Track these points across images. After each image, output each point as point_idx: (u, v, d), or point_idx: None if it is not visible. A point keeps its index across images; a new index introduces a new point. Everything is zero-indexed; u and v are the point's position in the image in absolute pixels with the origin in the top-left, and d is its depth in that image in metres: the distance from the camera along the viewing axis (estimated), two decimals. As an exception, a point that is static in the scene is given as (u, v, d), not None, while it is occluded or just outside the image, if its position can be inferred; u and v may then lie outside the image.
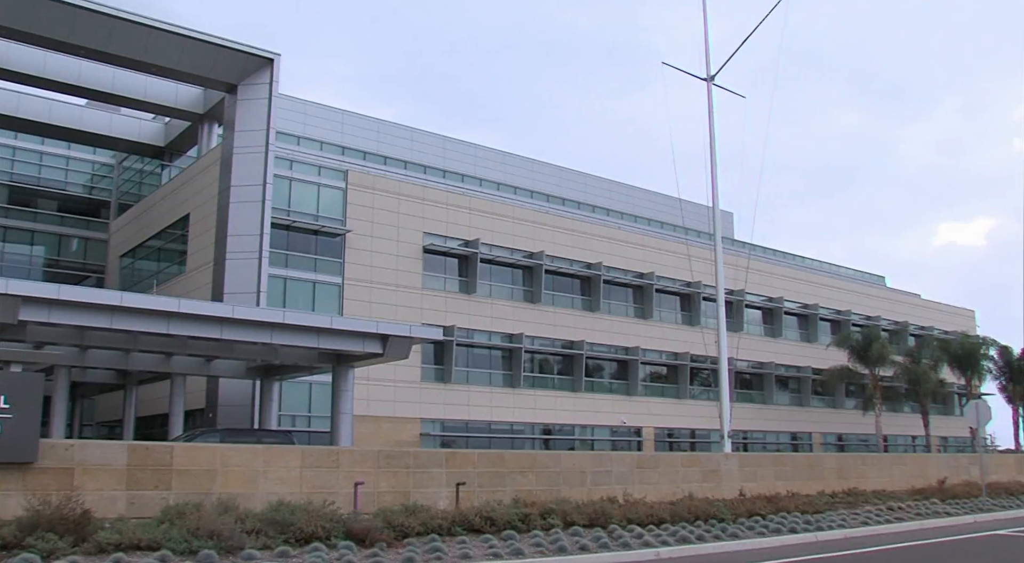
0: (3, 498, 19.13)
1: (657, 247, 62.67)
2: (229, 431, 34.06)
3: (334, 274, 47.35)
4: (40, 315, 27.86)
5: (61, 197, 60.01)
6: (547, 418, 54.82)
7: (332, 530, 18.90)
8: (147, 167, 58.95)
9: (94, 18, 40.26)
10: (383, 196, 49.86)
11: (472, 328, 52.03)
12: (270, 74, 44.16)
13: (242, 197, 42.68)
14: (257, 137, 43.43)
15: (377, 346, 33.95)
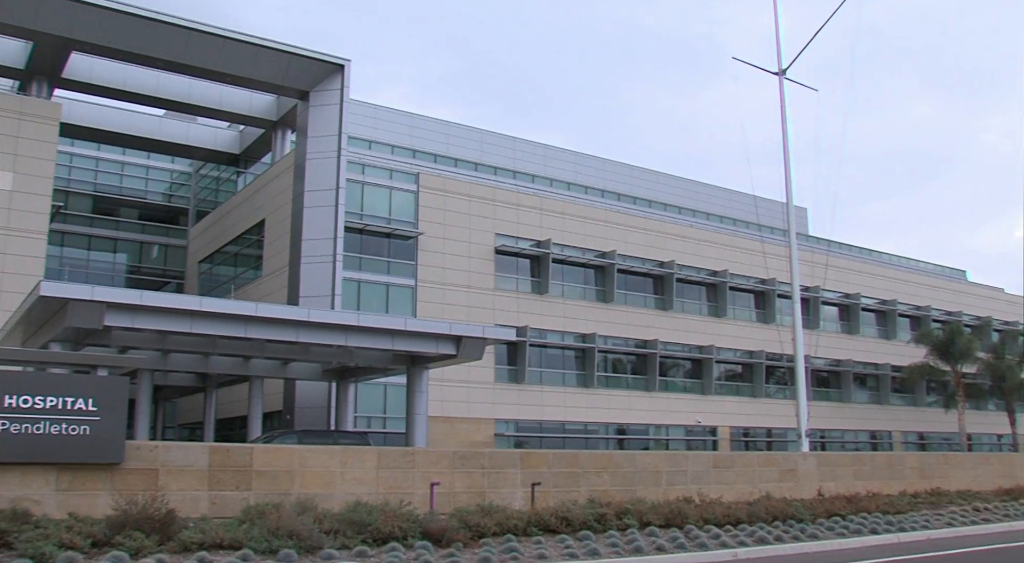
0: (92, 497, 19.70)
1: (730, 244, 62.00)
2: (306, 433, 34.57)
3: (407, 276, 47.75)
4: (124, 320, 28.57)
5: (142, 206, 61.51)
6: (621, 418, 54.59)
7: (409, 530, 19.06)
8: (223, 174, 60.13)
9: (172, 31, 41.29)
10: (454, 198, 50.15)
11: (545, 328, 52.03)
12: (341, 80, 44.74)
13: (316, 202, 43.29)
14: (329, 143, 44.01)
15: (451, 347, 34.13)
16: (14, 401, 19.29)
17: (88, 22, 40.37)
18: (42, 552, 15.49)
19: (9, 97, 43.56)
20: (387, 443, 40.21)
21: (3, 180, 40.82)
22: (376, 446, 29.46)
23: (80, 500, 19.58)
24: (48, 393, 19.66)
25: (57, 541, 15.99)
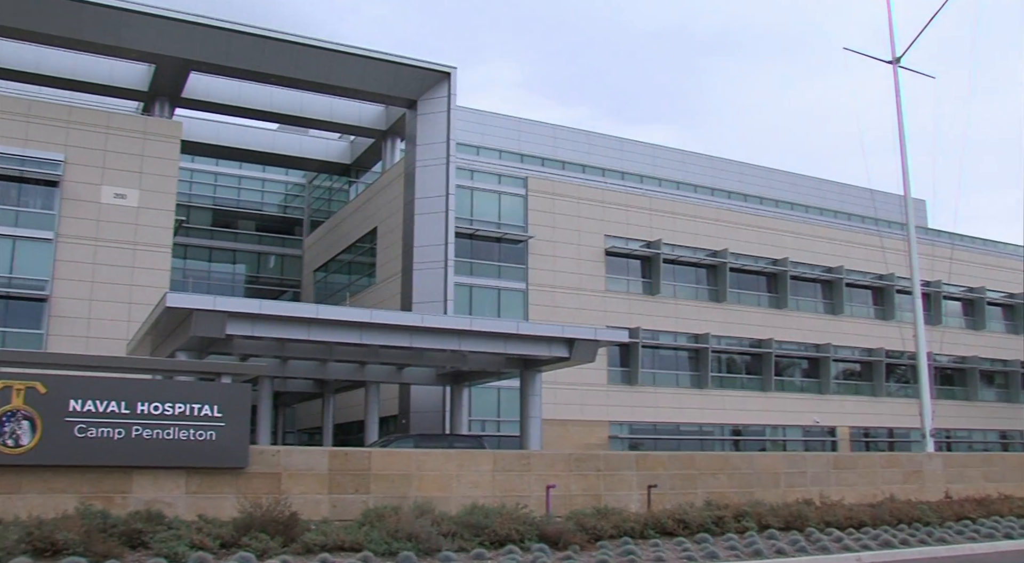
0: (220, 500, 20.36)
1: (846, 240, 60.45)
2: (422, 436, 35.03)
3: (518, 280, 47.97)
4: (244, 329, 29.44)
5: (258, 217, 63.32)
6: (736, 419, 53.77)
7: (525, 533, 19.14)
8: (335, 184, 61.45)
9: (283, 47, 42.48)
10: (563, 201, 50.18)
11: (657, 329, 51.62)
12: (448, 87, 45.27)
13: (426, 209, 43.88)
14: (438, 150, 44.56)
15: (563, 350, 34.14)
16: (146, 408, 20.10)
17: (206, 44, 41.85)
18: (175, 552, 16.11)
19: (134, 118, 45.40)
20: (501, 446, 40.44)
21: (130, 197, 42.55)
22: (491, 449, 29.67)
23: (208, 503, 20.26)
24: (176, 400, 20.42)
25: (188, 542, 16.60)
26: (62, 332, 40.23)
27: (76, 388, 19.99)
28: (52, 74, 45.56)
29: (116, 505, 19.39)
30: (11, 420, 19.20)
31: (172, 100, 47.34)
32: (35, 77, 45.66)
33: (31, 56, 44.98)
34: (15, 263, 40.45)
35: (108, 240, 41.86)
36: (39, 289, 40.38)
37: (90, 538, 16.14)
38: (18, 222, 40.69)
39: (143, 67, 45.99)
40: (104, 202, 42.20)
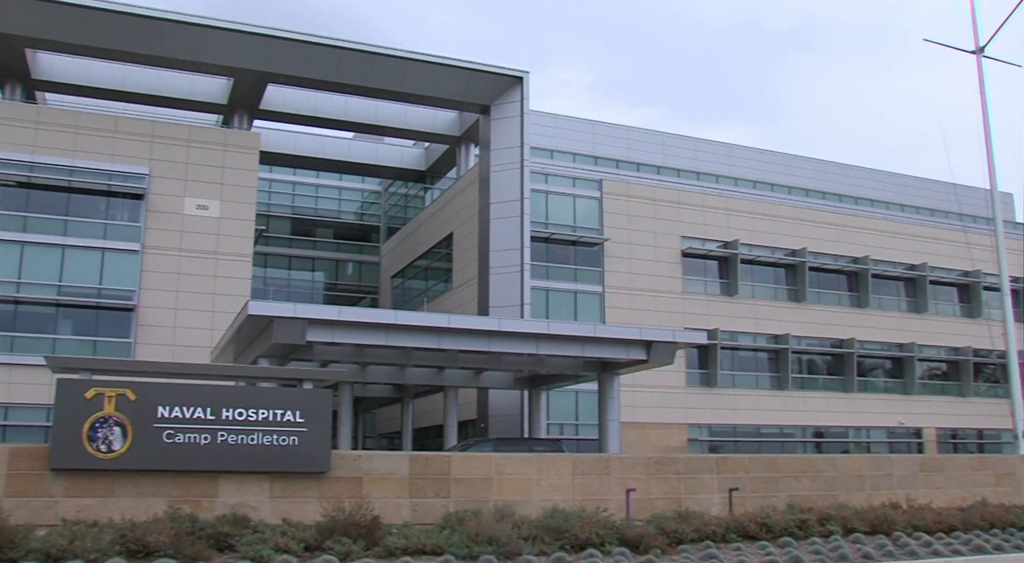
0: (303, 504, 20.70)
1: (929, 236, 59.00)
2: (501, 440, 35.11)
3: (594, 283, 47.86)
4: (324, 336, 29.87)
5: (336, 225, 64.23)
6: (818, 420, 52.86)
7: (606, 536, 19.08)
8: (411, 191, 62.02)
9: (357, 57, 43.11)
10: (638, 203, 49.94)
11: (736, 330, 51.03)
12: (520, 92, 45.40)
13: (501, 213, 44.04)
14: (512, 154, 44.70)
15: (641, 352, 33.97)
16: (231, 414, 20.55)
17: (282, 56, 42.66)
18: (260, 555, 16.42)
19: (214, 131, 46.43)
20: (580, 450, 40.36)
21: (212, 208, 43.53)
22: (570, 453, 29.63)
23: (291, 506, 20.61)
24: (260, 406, 20.84)
25: (273, 545, 16.91)
26: (149, 340, 41.31)
27: (164, 395, 20.52)
28: (136, 91, 46.90)
29: (203, 509, 19.83)
30: (104, 426, 19.79)
31: (250, 112, 48.30)
32: (121, 94, 47.06)
33: (117, 74, 46.37)
34: (104, 274, 41.65)
35: (191, 250, 42.88)
36: (127, 299, 41.51)
37: (179, 541, 16.55)
38: (106, 235, 41.91)
39: (222, 81, 47.04)
40: (187, 213, 43.23)
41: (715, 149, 70.07)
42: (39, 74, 45.37)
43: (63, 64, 45.95)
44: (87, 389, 20.02)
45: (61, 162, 41.77)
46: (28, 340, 40.28)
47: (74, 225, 41.74)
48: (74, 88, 46.77)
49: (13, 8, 39.31)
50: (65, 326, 41.51)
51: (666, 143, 68.12)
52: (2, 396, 39.45)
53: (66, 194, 42.04)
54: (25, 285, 40.65)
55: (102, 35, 40.87)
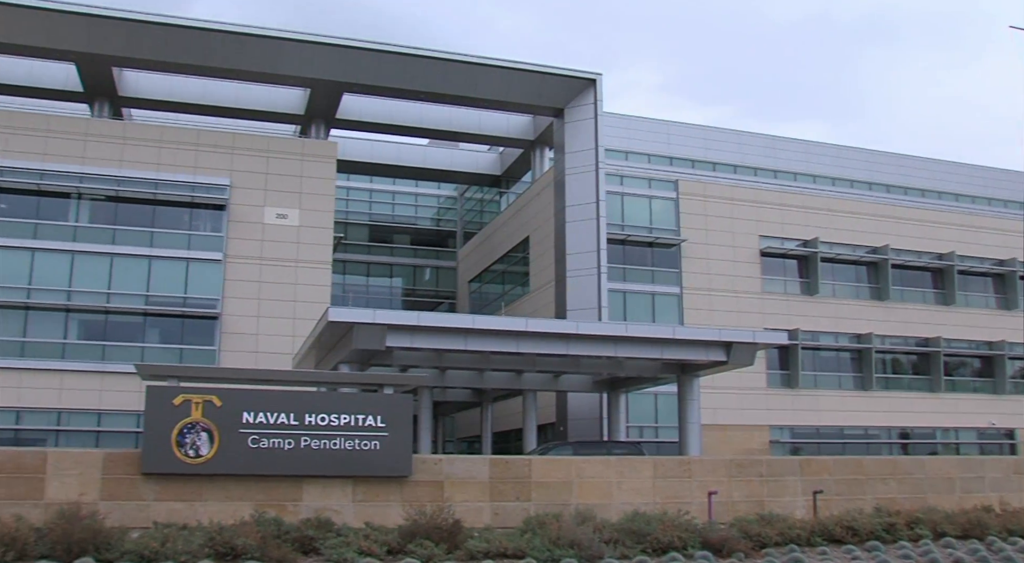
0: (385, 508, 20.94)
1: (1018, 230, 57.27)
2: (580, 444, 35.06)
3: (672, 284, 47.52)
4: (403, 341, 30.15)
5: (413, 231, 64.86)
6: (904, 421, 51.67)
7: (688, 540, 18.97)
8: (486, 196, 62.32)
9: (431, 64, 43.52)
10: (715, 202, 49.46)
11: (817, 330, 50.18)
12: (593, 94, 45.33)
13: (577, 216, 44.01)
14: (586, 157, 44.65)
15: (721, 354, 33.62)
16: (313, 419, 20.91)
17: (358, 66, 43.28)
18: (344, 558, 16.68)
19: (292, 141, 47.26)
20: (660, 452, 40.08)
21: (291, 217, 44.31)
22: (650, 456, 29.47)
23: (374, 510, 20.87)
24: (342, 411, 21.17)
25: (357, 548, 17.17)
26: (233, 348, 42.20)
27: (249, 401, 20.96)
28: (217, 104, 48.00)
29: (288, 512, 20.20)
30: (191, 432, 20.29)
31: (327, 122, 49.04)
32: (202, 108, 48.22)
33: (198, 89, 47.55)
34: (189, 284, 42.70)
35: (272, 259, 43.69)
36: (211, 308, 42.47)
37: (265, 544, 16.89)
38: (190, 245, 42.96)
39: (299, 92, 47.85)
40: (267, 222, 44.08)
41: (792, 147, 69.02)
42: (125, 91, 46.70)
43: (147, 81, 47.26)
44: (175, 396, 20.55)
45: (147, 175, 42.97)
46: (118, 349, 41.47)
47: (160, 236, 42.87)
48: (158, 103, 48.07)
49: (101, 30, 40.60)
50: (153, 335, 42.64)
51: (742, 142, 67.33)
52: (95, 403, 40.68)
53: (151, 206, 43.22)
54: (115, 295, 41.87)
55: (184, 51, 41.96)
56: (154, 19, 40.93)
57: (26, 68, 45.75)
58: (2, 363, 40.26)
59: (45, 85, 46.22)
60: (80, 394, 40.60)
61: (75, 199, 42.76)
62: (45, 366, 40.63)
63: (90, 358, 41.29)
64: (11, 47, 41.97)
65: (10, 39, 40.96)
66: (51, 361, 40.81)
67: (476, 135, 52.72)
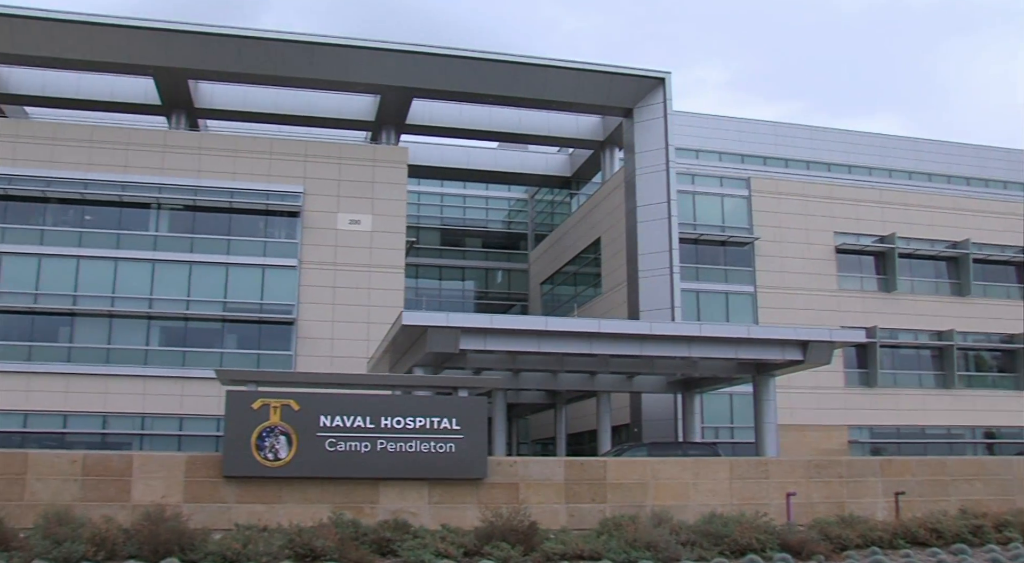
0: (460, 510, 21.08)
1: (1108, 222, 55.40)
2: (655, 445, 34.87)
3: (745, 283, 47.01)
4: (477, 344, 30.31)
5: (484, 234, 65.14)
6: (988, 420, 50.33)
7: (767, 542, 18.75)
8: (557, 198, 62.33)
9: (499, 67, 43.74)
10: (788, 199, 48.80)
11: (895, 327, 49.17)
12: (663, 93, 45.06)
13: (648, 216, 43.80)
14: (657, 156, 44.40)
15: (797, 353, 33.15)
16: (389, 422, 21.15)
17: (427, 71, 43.64)
18: (422, 560, 16.84)
19: (363, 147, 47.84)
20: (735, 453, 39.67)
21: (364, 222, 44.85)
22: (726, 457, 29.19)
23: (450, 512, 21.02)
24: (417, 414, 21.38)
25: (434, 550, 17.31)
26: (308, 352, 42.85)
27: (326, 405, 21.27)
28: (289, 113, 48.79)
29: (365, 515, 20.44)
30: (270, 435, 20.67)
31: (397, 127, 49.53)
32: (275, 117, 49.06)
33: (271, 98, 48.40)
34: (265, 290, 43.49)
35: (346, 264, 44.27)
36: (287, 313, 43.17)
37: (344, 545, 17.12)
38: (266, 252, 43.75)
39: (369, 98, 48.40)
40: (340, 228, 44.68)
41: (867, 141, 67.76)
42: (201, 103, 47.74)
43: (222, 92, 48.26)
44: (254, 400, 20.95)
45: (223, 185, 43.89)
46: (197, 354, 42.40)
47: (236, 244, 43.73)
48: (232, 114, 49.07)
49: (177, 44, 41.61)
50: (231, 340, 43.50)
51: (815, 137, 66.31)
52: (176, 407, 41.64)
53: (228, 215, 44.12)
54: (194, 302, 42.82)
55: (257, 62, 42.76)
56: (227, 32, 41.86)
57: (108, 84, 47.08)
58: (89, 369, 41.49)
59: (125, 99, 47.52)
60: (162, 399, 41.64)
61: (155, 209, 43.84)
62: (129, 372, 41.75)
63: (171, 364, 42.30)
64: (93, 64, 43.26)
65: (92, 57, 42.20)
66: (134, 367, 41.92)
67: (545, 137, 52.77)
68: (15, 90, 46.91)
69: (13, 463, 20.62)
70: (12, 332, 41.88)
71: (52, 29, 41.04)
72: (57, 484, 20.48)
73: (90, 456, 21.23)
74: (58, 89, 46.96)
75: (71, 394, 41.21)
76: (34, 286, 42.13)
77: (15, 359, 41.43)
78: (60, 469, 20.64)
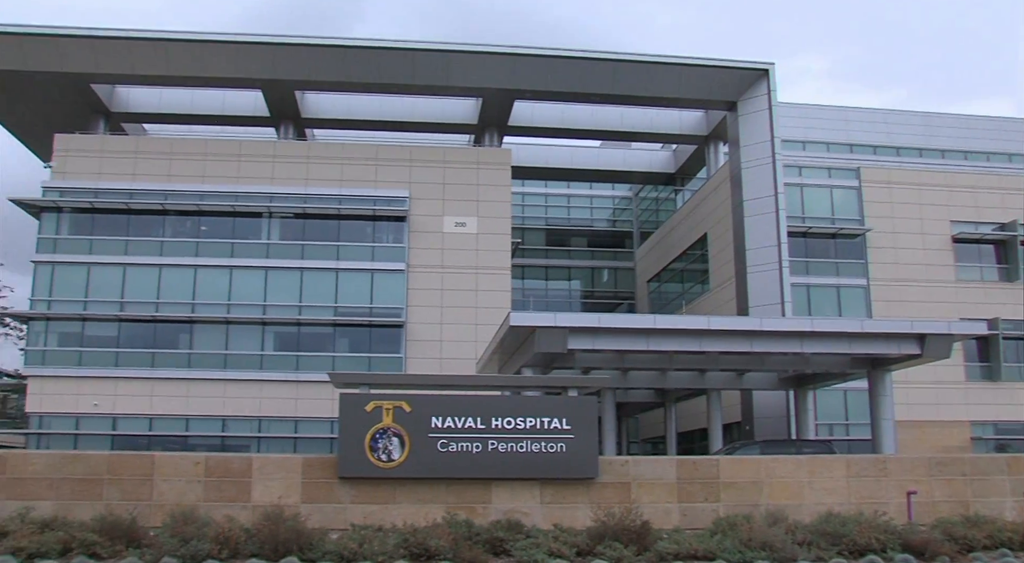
0: (572, 510, 21.10)
1: None
2: (768, 442, 34.31)
3: (858, 276, 45.87)
4: (585, 343, 30.29)
5: (589, 233, 65.03)
6: None
7: (887, 542, 18.25)
8: (661, 195, 61.83)
9: (600, 66, 43.67)
10: (901, 189, 47.42)
11: (1019, 319, 47.29)
12: (767, 85, 44.31)
13: (755, 210, 43.12)
14: (762, 149, 43.69)
15: (914, 347, 32.16)
16: (500, 423, 21.30)
17: (528, 72, 43.83)
18: (535, 559, 16.91)
19: (467, 150, 48.30)
20: (851, 450, 38.66)
21: (470, 225, 45.27)
22: (842, 454, 28.51)
23: (561, 512, 21.05)
24: (527, 414, 21.47)
25: (547, 550, 17.36)
26: (418, 355, 43.48)
27: (437, 406, 21.54)
28: (393, 119, 49.54)
29: (478, 515, 20.62)
30: (383, 437, 21.03)
31: (500, 129, 49.82)
32: (378, 123, 49.91)
33: (375, 106, 49.27)
34: (374, 294, 44.29)
35: (452, 267, 44.77)
36: (396, 316, 43.88)
37: (457, 545, 17.31)
38: (374, 257, 44.54)
39: (471, 102, 48.80)
40: (446, 231, 45.22)
41: (982, 125, 65.26)
42: (307, 113, 48.86)
43: (327, 101, 49.33)
44: (367, 402, 21.35)
45: (331, 192, 44.90)
46: (310, 358, 43.43)
47: (345, 249, 44.65)
48: (338, 122, 50.10)
49: (284, 57, 42.77)
50: (342, 344, 44.42)
51: (928, 123, 64.20)
52: (291, 410, 42.71)
53: (336, 221, 45.06)
54: (305, 308, 43.87)
55: (360, 71, 43.59)
56: (331, 43, 42.80)
57: (218, 99, 48.59)
58: (208, 375, 42.90)
59: (235, 113, 48.98)
60: (277, 402, 42.79)
61: (266, 218, 45.05)
62: (245, 376, 43.01)
63: (285, 368, 43.42)
64: (205, 80, 44.73)
65: (204, 73, 43.66)
66: (251, 372, 43.18)
67: (649, 134, 52.42)
68: (134, 109, 48.82)
69: (142, 465, 21.46)
70: (136, 340, 43.63)
71: (166, 49, 42.63)
72: (182, 485, 21.24)
73: (212, 458, 21.92)
74: (173, 106, 48.70)
75: (192, 398, 42.73)
76: (155, 296, 43.77)
77: (140, 366, 43.16)
78: (184, 471, 21.40)
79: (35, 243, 44.23)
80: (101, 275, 44.01)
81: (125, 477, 21.28)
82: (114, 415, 42.70)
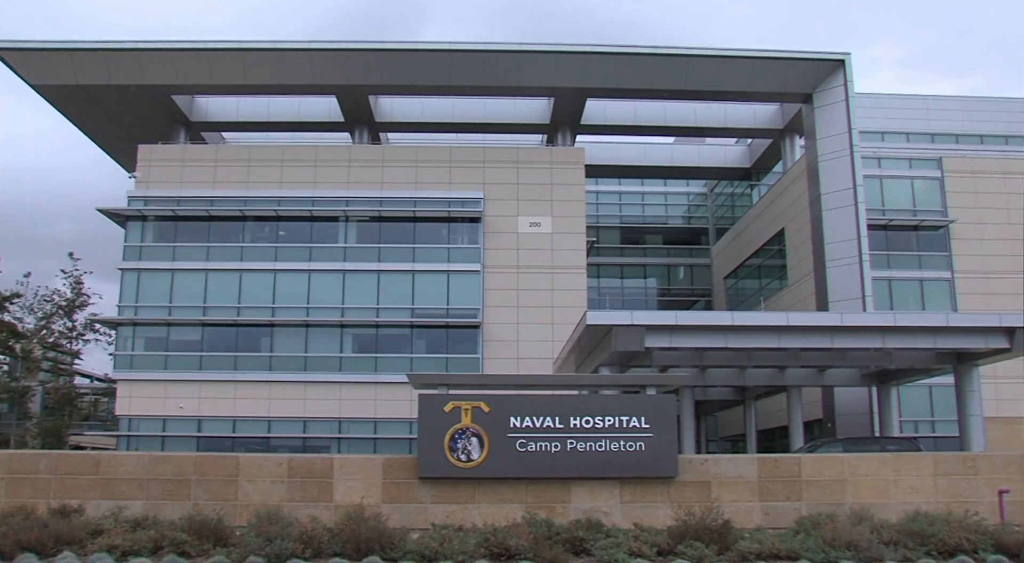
0: (652, 509, 21.00)
1: None
2: (850, 440, 33.68)
3: (941, 269, 44.79)
4: (662, 341, 30.10)
5: (664, 230, 64.58)
6: None
7: (978, 543, 17.78)
8: (736, 190, 61.12)
9: (672, 61, 43.41)
10: (985, 178, 46.15)
11: (1114, 310, 45.67)
12: (843, 76, 43.57)
13: (834, 204, 42.40)
14: (840, 141, 42.94)
15: (1003, 341, 31.25)
16: (578, 422, 21.29)
17: (599, 71, 43.73)
18: (615, 559, 16.87)
19: (540, 150, 48.34)
20: (937, 448, 37.84)
21: (544, 224, 45.32)
22: (929, 452, 27.89)
23: (641, 511, 20.96)
24: (605, 413, 21.42)
25: (627, 549, 17.31)
26: (494, 355, 43.63)
27: (515, 406, 21.61)
28: (466, 121, 49.81)
29: (557, 514, 20.64)
30: (463, 437, 21.17)
31: (572, 128, 49.77)
32: (451, 125, 50.25)
33: (447, 108, 49.59)
34: (450, 295, 44.57)
35: (527, 266, 44.84)
36: (472, 317, 44.09)
37: (537, 545, 17.34)
38: (450, 258, 44.83)
39: (543, 101, 48.84)
40: (521, 231, 45.32)
41: (1072, 110, 63.21)
42: (381, 117, 49.41)
43: (400, 105, 49.82)
44: (446, 403, 21.51)
45: (406, 194, 45.33)
46: (388, 360, 43.90)
47: (421, 251, 45.02)
48: (411, 125, 50.58)
49: (359, 62, 43.32)
50: (419, 345, 44.80)
51: (1011, 110, 62.26)
52: (370, 412, 43.21)
53: (412, 223, 45.47)
54: (383, 310, 44.34)
55: (433, 74, 43.94)
56: (403, 47, 43.25)
57: (294, 105, 49.39)
58: (289, 377, 43.64)
59: (311, 119, 49.72)
60: (357, 403, 43.33)
61: (343, 222, 45.65)
62: (325, 379, 43.64)
63: (364, 370, 43.93)
64: (280, 87, 45.57)
65: (279, 80, 44.46)
66: (330, 374, 43.80)
67: (722, 129, 51.86)
68: (213, 118, 49.90)
69: (227, 466, 21.93)
70: (219, 344, 44.56)
71: (243, 59, 43.50)
72: (266, 485, 21.65)
73: (294, 459, 22.30)
74: (250, 114, 49.68)
75: (274, 400, 43.51)
76: (236, 300, 44.68)
77: (223, 369, 44.07)
78: (268, 471, 21.81)
79: (121, 251, 45.51)
80: (184, 281, 45.09)
81: (211, 477, 21.78)
82: (199, 417, 43.71)
